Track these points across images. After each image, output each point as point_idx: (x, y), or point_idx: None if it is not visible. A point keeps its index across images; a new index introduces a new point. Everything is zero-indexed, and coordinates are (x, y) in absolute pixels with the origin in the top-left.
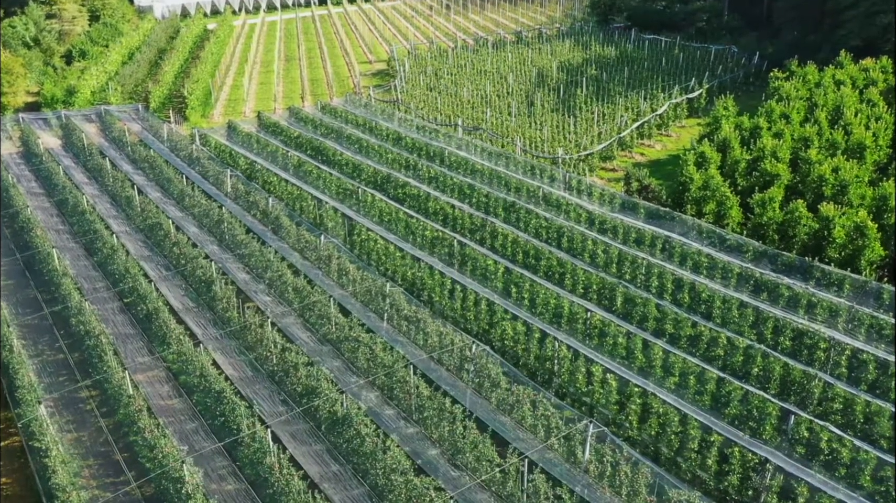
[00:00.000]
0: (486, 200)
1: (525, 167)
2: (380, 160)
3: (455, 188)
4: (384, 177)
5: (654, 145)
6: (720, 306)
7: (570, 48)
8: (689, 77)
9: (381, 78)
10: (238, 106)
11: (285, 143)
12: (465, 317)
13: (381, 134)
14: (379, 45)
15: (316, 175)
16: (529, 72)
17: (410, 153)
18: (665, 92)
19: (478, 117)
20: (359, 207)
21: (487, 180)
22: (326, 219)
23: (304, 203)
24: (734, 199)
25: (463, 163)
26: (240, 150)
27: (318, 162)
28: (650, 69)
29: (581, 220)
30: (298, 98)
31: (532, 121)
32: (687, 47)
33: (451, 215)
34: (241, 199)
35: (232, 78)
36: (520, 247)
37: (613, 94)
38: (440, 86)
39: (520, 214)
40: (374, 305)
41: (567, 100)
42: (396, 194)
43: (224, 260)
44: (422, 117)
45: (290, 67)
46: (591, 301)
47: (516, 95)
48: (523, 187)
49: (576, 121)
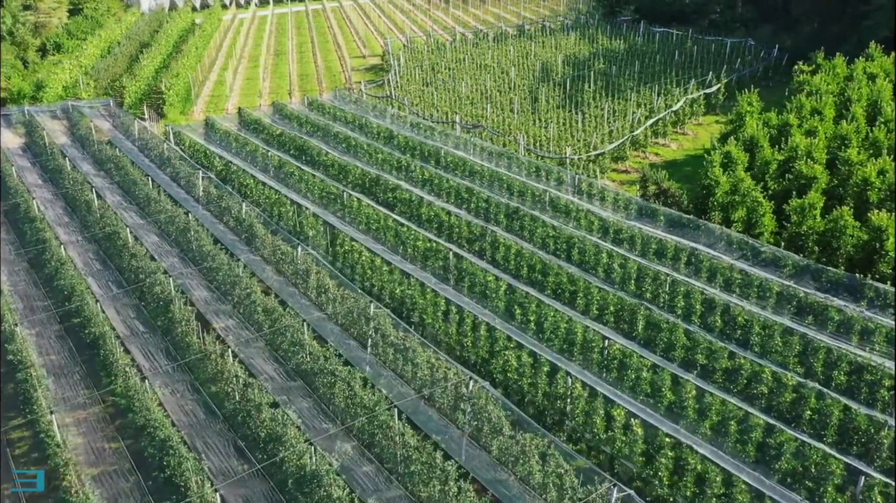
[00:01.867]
0: (487, 206)
1: (529, 168)
2: (369, 160)
3: (451, 192)
4: (373, 179)
5: (669, 144)
6: (760, 332)
7: (575, 41)
8: (704, 71)
9: (375, 73)
10: (221, 102)
11: (267, 141)
12: (461, 344)
13: (371, 132)
14: (374, 39)
15: (298, 177)
16: (533, 66)
17: (403, 153)
18: (680, 87)
19: (477, 114)
20: (344, 213)
21: (488, 183)
22: (307, 226)
23: (282, 209)
24: (767, 206)
25: (461, 163)
26: (216, 150)
27: (302, 162)
28: (662, 63)
29: (593, 229)
30: (286, 94)
31: (536, 118)
32: (700, 40)
33: (447, 223)
34: (213, 204)
35: (216, 73)
36: (524, 260)
37: (624, 90)
38: (437, 81)
39: (524, 222)
40: (356, 329)
41: (574, 95)
42: (386, 199)
43: (186, 275)
44: (417, 114)
45: (278, 62)
46: (607, 324)
47: (519, 91)
48: (528, 191)
49: (584, 118)
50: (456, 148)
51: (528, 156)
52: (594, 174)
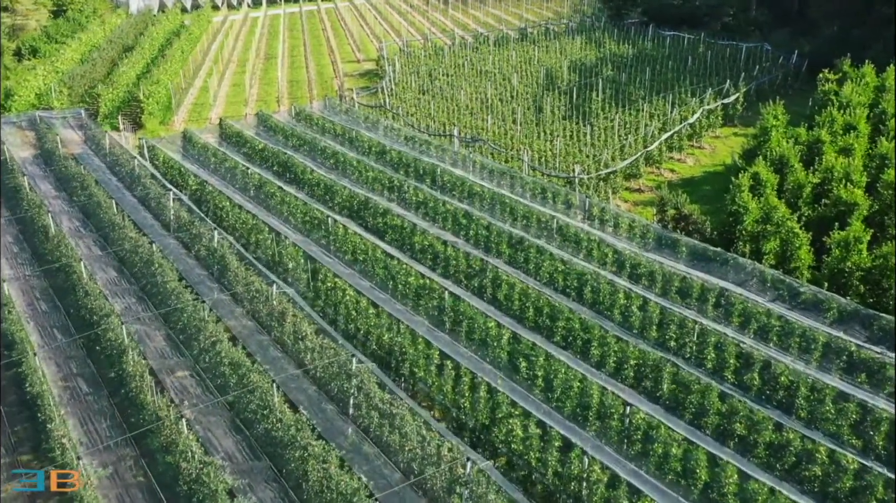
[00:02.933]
0: (487, 234)
1: (534, 189)
2: (358, 179)
3: (448, 217)
4: (362, 202)
5: (685, 160)
6: (807, 395)
7: (581, 46)
8: (720, 79)
9: (369, 79)
10: (204, 111)
11: (248, 157)
12: (458, 405)
13: (362, 146)
14: (369, 42)
15: (279, 199)
16: (536, 72)
17: (396, 170)
18: (696, 97)
19: (477, 125)
20: (328, 242)
21: (488, 206)
22: (286, 257)
23: (260, 236)
24: (804, 237)
25: (458, 183)
26: (191, 167)
27: (285, 181)
28: (675, 70)
29: (607, 262)
30: (274, 102)
31: (541, 129)
32: (713, 45)
33: (443, 254)
34: (184, 231)
35: (202, 79)
36: (530, 300)
37: (635, 99)
38: (434, 88)
39: (529, 254)
40: (337, 385)
41: (581, 105)
42: (376, 225)
43: (145, 319)
44: (412, 125)
45: (268, 67)
46: (626, 381)
47: (522, 100)
48: (532, 216)
49: (592, 130)
50: (453, 165)
51: (533, 174)
52: (605, 195)
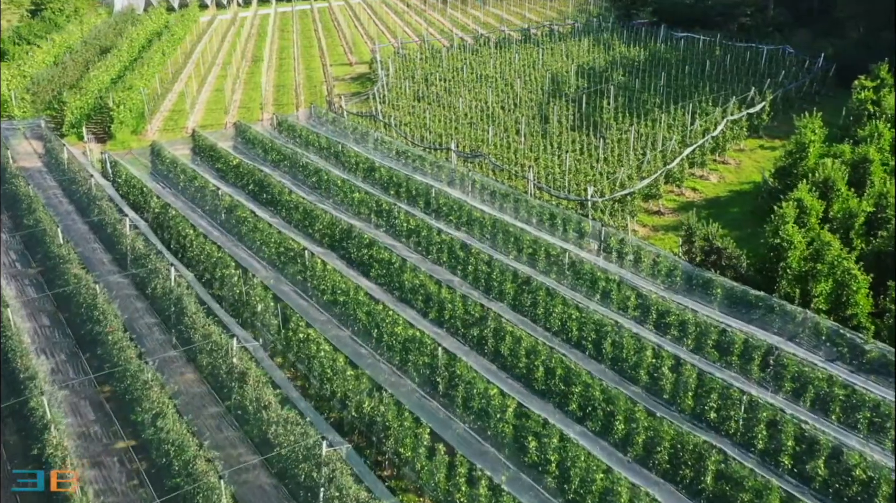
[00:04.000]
0: (488, 271)
1: (542, 215)
2: (343, 202)
3: (444, 248)
4: (345, 230)
5: (708, 177)
6: (888, 493)
7: (588, 48)
8: (743, 85)
9: (361, 83)
10: (181, 119)
11: (221, 174)
12: (452, 501)
13: (348, 162)
14: (363, 43)
15: (251, 225)
16: (541, 77)
17: (385, 191)
18: (718, 105)
19: (477, 137)
20: (304, 278)
21: (489, 235)
22: (255, 298)
23: (226, 272)
24: (863, 280)
25: (456, 208)
26: (155, 186)
27: (260, 204)
28: (691, 75)
29: (629, 306)
30: (258, 109)
31: (547, 142)
32: (731, 47)
33: (436, 297)
34: (139, 265)
35: (183, 83)
36: (539, 358)
37: (650, 107)
38: (430, 94)
39: (537, 296)
40: (303, 472)
41: (591, 114)
42: (360, 258)
43: (75, 386)
44: (405, 136)
45: (255, 70)
46: (658, 469)
47: (526, 108)
48: (540, 248)
49: (604, 142)
50: (450, 184)
51: (540, 195)
52: (621, 219)
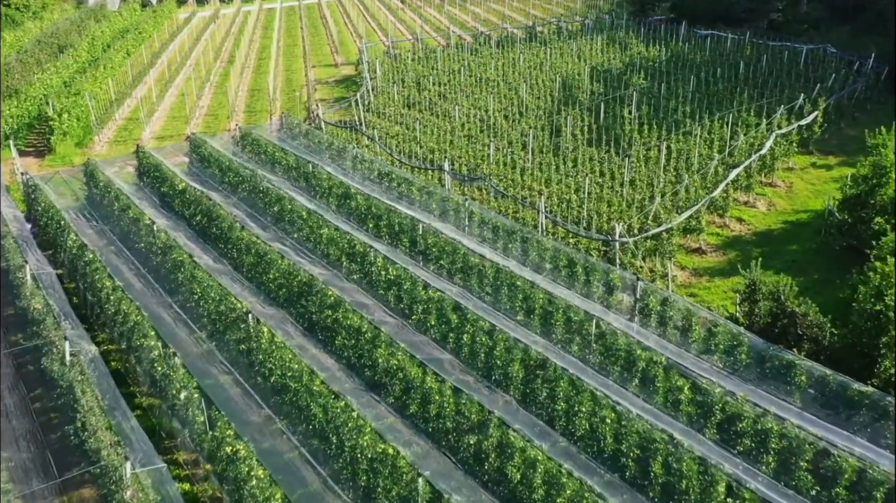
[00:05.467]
0: (490, 346)
1: (557, 259)
2: (307, 239)
3: (431, 309)
4: (304, 283)
5: (755, 203)
6: None
7: (602, 48)
8: (787, 91)
9: (346, 87)
10: (137, 129)
11: (164, 201)
12: None
13: (320, 186)
14: (352, 42)
15: (188, 274)
16: (550, 82)
17: (362, 225)
18: (762, 115)
19: (475, 153)
20: (246, 353)
21: (491, 289)
22: (175, 385)
23: (144, 342)
24: None
25: (448, 250)
26: (77, 219)
27: (203, 243)
28: (724, 78)
29: (681, 404)
30: (227, 116)
31: (560, 160)
32: (764, 47)
33: (419, 387)
34: (33, 331)
35: (146, 88)
36: (563, 495)
37: (679, 117)
38: (423, 101)
39: (556, 389)
40: None
41: (610, 126)
42: (322, 321)
43: None
44: (390, 153)
45: (229, 72)
46: None
47: (533, 117)
48: (558, 311)
49: (628, 161)
50: (442, 216)
51: (553, 231)
52: (658, 262)
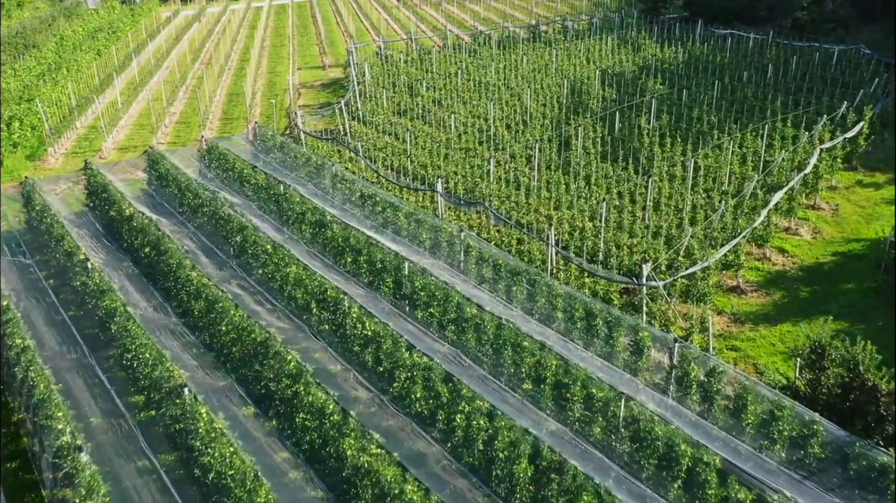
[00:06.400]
0: (489, 430)
1: (572, 309)
2: (271, 279)
3: (417, 380)
4: (259, 344)
5: (798, 230)
6: None
7: (612, 49)
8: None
9: (333, 92)
10: (99, 139)
11: (109, 231)
12: None
13: (291, 211)
14: (342, 43)
15: (121, 326)
16: (556, 86)
17: (338, 260)
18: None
19: (473, 170)
20: (181, 437)
21: (492, 351)
22: (80, 490)
23: (51, 425)
24: None
25: (440, 296)
26: None
27: (145, 285)
28: (751, 83)
29: None
30: (199, 126)
31: (570, 179)
32: (791, 48)
33: (396, 498)
34: None
35: (115, 93)
36: None
37: (705, 128)
38: (415, 108)
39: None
40: None
41: (627, 138)
42: (278, 393)
43: None
44: (375, 170)
45: (206, 76)
46: None
47: (538, 127)
48: (575, 384)
49: (648, 179)
50: (433, 250)
51: (565, 268)
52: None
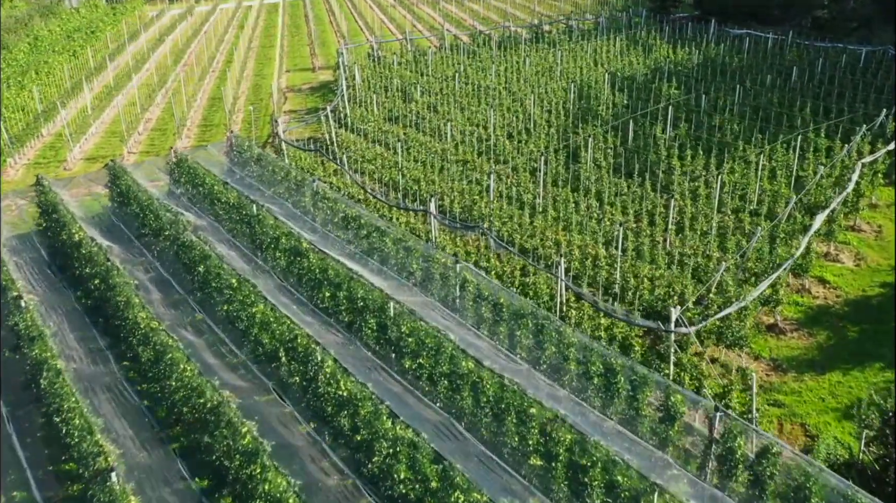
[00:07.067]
0: None
1: (588, 363)
2: (235, 319)
3: (400, 457)
4: (211, 409)
5: (839, 256)
6: None
7: (621, 50)
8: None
9: (322, 96)
10: (65, 149)
11: (55, 259)
12: None
13: (265, 235)
14: (335, 43)
15: (48, 381)
16: (562, 90)
17: (313, 295)
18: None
19: (471, 186)
20: None
21: (492, 416)
22: None
23: None
24: None
25: (431, 345)
26: None
27: (87, 328)
28: (775, 87)
29: None
30: (174, 134)
31: (578, 197)
32: (814, 49)
33: None
34: None
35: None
36: None
37: (727, 138)
38: (409, 115)
39: None
40: None
41: (641, 149)
42: (232, 475)
43: None
44: (363, 186)
45: (187, 79)
46: None
47: (543, 136)
48: (595, 467)
49: (670, 199)
50: (424, 284)
51: (577, 307)
52: (723, 347)
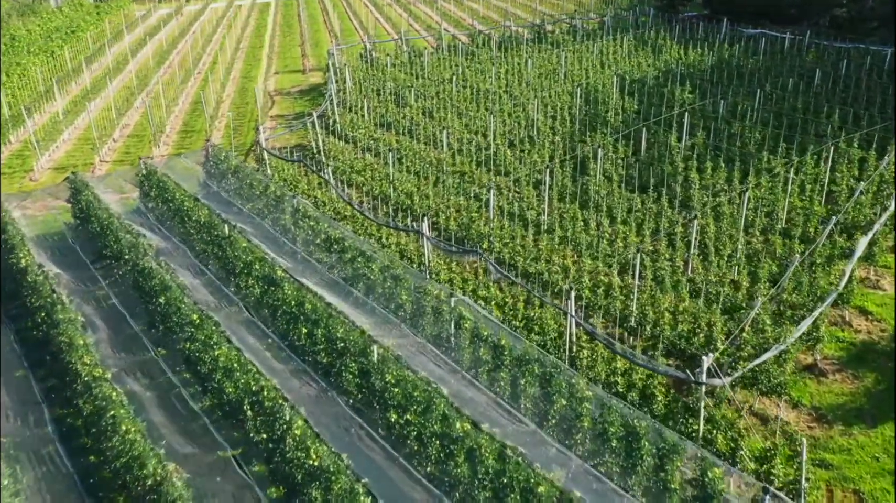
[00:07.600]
0: None
1: (605, 425)
2: (196, 364)
3: None
4: (153, 487)
5: (879, 281)
6: None
7: (629, 51)
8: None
9: (312, 99)
10: (32, 159)
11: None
12: None
13: (236, 260)
14: (328, 44)
15: None
16: (567, 95)
17: (286, 334)
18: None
19: (469, 201)
20: None
21: (492, 495)
22: None
23: None
24: None
25: (421, 398)
26: None
27: (24, 370)
28: (798, 92)
29: None
30: (150, 142)
31: (588, 214)
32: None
33: None
34: None
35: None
36: None
37: (750, 148)
38: (402, 121)
39: None
40: None
41: (655, 160)
42: None
43: None
44: (349, 202)
45: (172, 81)
46: None
47: (546, 145)
48: None
49: (691, 217)
50: (414, 320)
51: (590, 347)
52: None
